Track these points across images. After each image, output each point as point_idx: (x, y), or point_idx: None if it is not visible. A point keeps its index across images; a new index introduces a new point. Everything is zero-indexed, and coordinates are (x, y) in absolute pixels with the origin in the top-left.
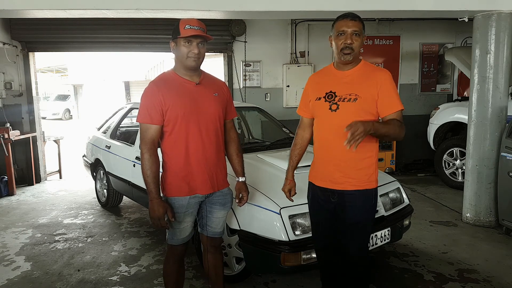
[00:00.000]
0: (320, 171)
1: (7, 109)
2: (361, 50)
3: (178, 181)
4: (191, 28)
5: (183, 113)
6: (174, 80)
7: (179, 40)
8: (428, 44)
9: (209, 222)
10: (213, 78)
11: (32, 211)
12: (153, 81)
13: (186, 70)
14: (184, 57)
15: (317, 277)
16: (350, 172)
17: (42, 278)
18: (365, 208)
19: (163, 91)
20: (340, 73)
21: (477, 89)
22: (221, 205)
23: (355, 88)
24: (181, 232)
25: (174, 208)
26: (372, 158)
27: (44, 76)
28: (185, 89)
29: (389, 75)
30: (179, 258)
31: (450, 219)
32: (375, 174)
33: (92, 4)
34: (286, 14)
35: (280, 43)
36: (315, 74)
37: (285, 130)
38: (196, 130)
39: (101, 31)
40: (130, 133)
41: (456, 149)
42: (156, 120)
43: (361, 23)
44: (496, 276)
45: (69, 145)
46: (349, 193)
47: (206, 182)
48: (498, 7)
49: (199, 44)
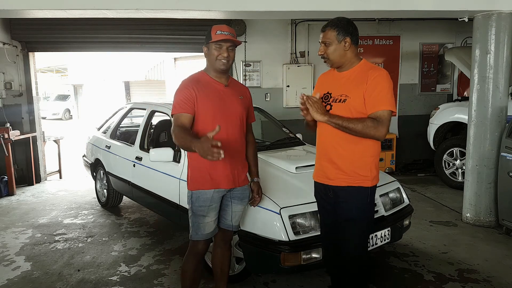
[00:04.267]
0: (318, 168)
1: (7, 109)
2: (361, 50)
3: (202, 175)
4: (222, 34)
5: (212, 110)
6: (205, 80)
7: (210, 44)
8: (428, 44)
9: (225, 214)
10: (238, 83)
11: (32, 211)
12: (186, 79)
13: (216, 72)
14: (214, 60)
15: (317, 277)
16: (342, 168)
17: (42, 278)
18: (359, 206)
19: (195, 87)
20: (339, 74)
21: (477, 89)
22: (239, 199)
23: (346, 89)
24: (205, 227)
25: (198, 202)
26: (368, 158)
27: (44, 76)
28: (214, 89)
29: (382, 74)
30: (200, 256)
31: (450, 219)
32: (372, 174)
33: (92, 4)
34: (286, 14)
35: (280, 43)
36: (323, 74)
37: (285, 130)
38: (222, 126)
39: (101, 31)
40: (130, 133)
41: (456, 149)
42: (188, 110)
43: (334, 30)
44: (496, 276)
45: (69, 145)
46: (342, 189)
47: (229, 177)
48: (498, 7)
49: (228, 48)
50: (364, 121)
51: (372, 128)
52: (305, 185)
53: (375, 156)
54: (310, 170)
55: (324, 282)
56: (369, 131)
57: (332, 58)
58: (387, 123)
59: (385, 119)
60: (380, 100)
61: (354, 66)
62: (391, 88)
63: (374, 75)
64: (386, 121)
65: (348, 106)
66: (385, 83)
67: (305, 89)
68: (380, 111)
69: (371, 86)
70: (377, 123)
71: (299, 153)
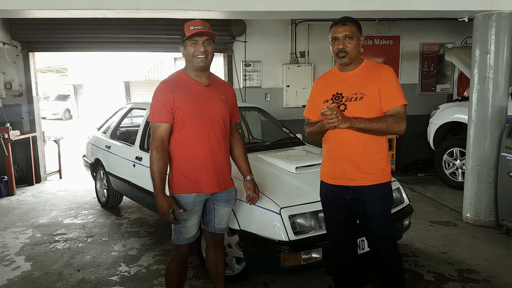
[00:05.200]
0: (333, 169)
1: (7, 109)
2: (361, 50)
3: (184, 179)
4: (195, 28)
5: (192, 113)
6: (184, 81)
7: (186, 42)
8: (428, 44)
9: (212, 217)
10: (221, 81)
11: (32, 211)
12: (164, 81)
13: (195, 71)
14: (192, 58)
15: (317, 277)
16: (365, 168)
17: (42, 278)
18: (383, 201)
19: (173, 90)
20: (344, 74)
21: (477, 89)
22: (225, 202)
23: (360, 87)
24: (187, 232)
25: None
26: (383, 153)
27: (44, 76)
28: (194, 90)
29: (391, 70)
30: (183, 259)
31: (450, 219)
32: (388, 168)
33: (92, 4)
34: (286, 14)
35: (280, 43)
36: (320, 77)
37: (285, 130)
38: (204, 130)
39: (101, 31)
40: (130, 133)
41: (456, 149)
42: (166, 119)
43: (354, 25)
44: (496, 276)
45: (69, 145)
46: (366, 188)
47: (213, 181)
48: (498, 7)
49: (204, 43)
50: (386, 119)
51: (395, 124)
52: (305, 185)
53: (387, 152)
54: (310, 170)
55: (324, 282)
56: (392, 128)
57: (352, 53)
58: (405, 117)
59: (403, 114)
60: (397, 96)
61: (360, 65)
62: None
63: (386, 72)
64: (405, 115)
65: (365, 104)
66: (396, 79)
67: (305, 89)
68: (399, 106)
69: (386, 83)
70: (397, 119)
71: (299, 153)
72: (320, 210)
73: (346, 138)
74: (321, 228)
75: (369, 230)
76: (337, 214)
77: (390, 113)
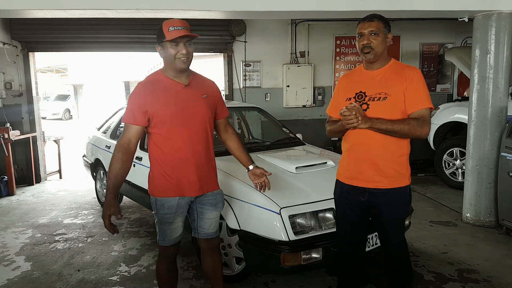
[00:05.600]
0: (350, 169)
1: (7, 109)
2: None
3: (166, 182)
4: (176, 29)
5: (171, 115)
6: (162, 82)
7: (165, 43)
8: (428, 44)
9: (201, 223)
10: (202, 78)
11: (32, 211)
12: (141, 82)
13: (175, 72)
14: (173, 60)
15: (317, 277)
16: (384, 170)
17: (42, 278)
18: (399, 205)
19: (150, 93)
20: (370, 72)
21: (477, 89)
22: (212, 206)
23: (385, 87)
24: (172, 233)
25: (163, 209)
26: (404, 157)
27: (44, 76)
28: (173, 91)
29: (418, 72)
30: (171, 259)
31: (450, 219)
32: (408, 171)
33: (92, 4)
34: (286, 14)
35: (280, 43)
36: (346, 75)
37: (285, 130)
38: (184, 131)
39: (101, 31)
40: None
41: (456, 149)
42: (138, 121)
43: (380, 22)
44: (496, 276)
45: (69, 145)
46: (383, 191)
47: (196, 183)
48: (498, 7)
49: (186, 44)
50: (409, 122)
51: (418, 127)
52: (305, 185)
53: (408, 155)
54: (310, 170)
55: (324, 282)
56: (415, 131)
57: (377, 50)
58: (429, 120)
59: (428, 117)
60: (422, 99)
61: (387, 64)
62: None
63: (413, 74)
64: (429, 119)
65: (388, 104)
66: (423, 81)
67: (305, 89)
68: (424, 109)
69: (412, 84)
70: (421, 122)
71: (299, 153)
72: (320, 210)
73: (366, 137)
74: (321, 228)
75: (383, 232)
76: (350, 214)
77: (414, 115)
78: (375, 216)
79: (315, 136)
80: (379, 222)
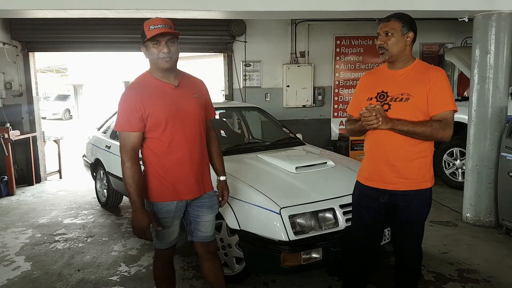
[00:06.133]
0: (369, 170)
1: (7, 109)
2: (361, 50)
3: (163, 186)
4: (156, 28)
5: (165, 117)
6: (151, 84)
7: (147, 43)
8: (428, 44)
9: (198, 226)
10: (191, 78)
11: (32, 211)
12: (130, 86)
13: (161, 72)
14: (156, 59)
15: (317, 277)
16: (404, 172)
17: (42, 278)
18: (419, 208)
19: (141, 96)
20: (393, 72)
21: (477, 89)
22: (208, 208)
23: (407, 88)
24: (169, 236)
25: (161, 213)
26: (427, 158)
27: (44, 76)
28: (164, 93)
29: (444, 74)
30: (168, 261)
31: (450, 219)
32: (430, 173)
33: (92, 4)
34: (286, 14)
35: (280, 43)
36: (368, 73)
37: (285, 130)
38: (180, 133)
39: (101, 31)
40: None
41: (456, 149)
42: (136, 127)
43: (398, 21)
44: (496, 276)
45: (69, 145)
46: (403, 193)
47: (193, 185)
48: (498, 7)
49: (168, 43)
50: (431, 124)
51: (441, 130)
52: (305, 185)
53: (431, 156)
54: (310, 170)
55: (324, 282)
56: (437, 134)
57: (391, 50)
58: (453, 123)
59: (451, 120)
60: (446, 101)
61: (410, 64)
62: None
63: (437, 75)
64: (452, 122)
65: (410, 106)
66: (448, 83)
67: (305, 89)
68: (447, 111)
69: (436, 85)
70: (444, 124)
71: (299, 153)
72: (320, 210)
73: (385, 138)
74: (321, 228)
75: (399, 234)
76: (366, 217)
77: (436, 118)
78: (393, 218)
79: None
80: (396, 223)
